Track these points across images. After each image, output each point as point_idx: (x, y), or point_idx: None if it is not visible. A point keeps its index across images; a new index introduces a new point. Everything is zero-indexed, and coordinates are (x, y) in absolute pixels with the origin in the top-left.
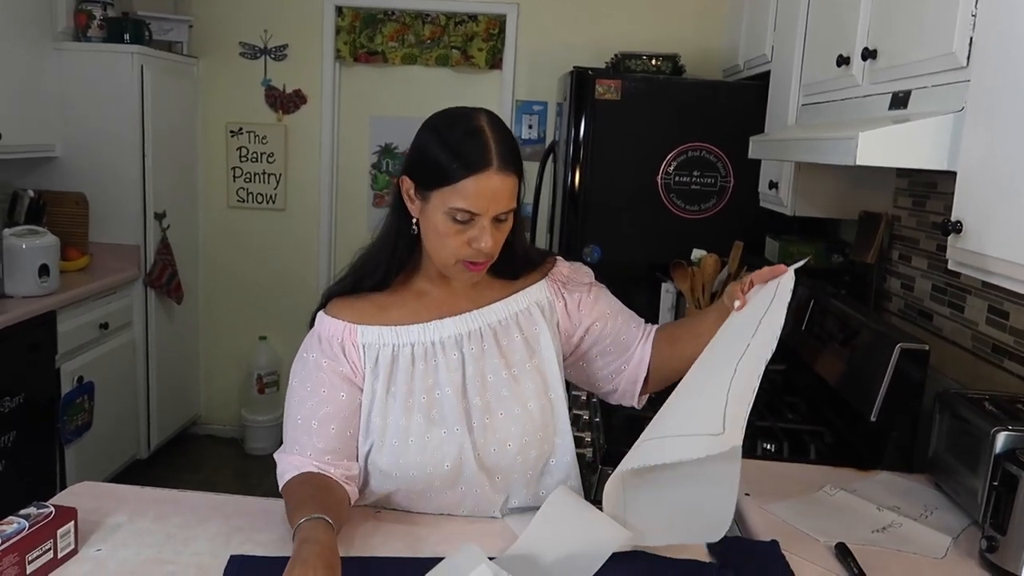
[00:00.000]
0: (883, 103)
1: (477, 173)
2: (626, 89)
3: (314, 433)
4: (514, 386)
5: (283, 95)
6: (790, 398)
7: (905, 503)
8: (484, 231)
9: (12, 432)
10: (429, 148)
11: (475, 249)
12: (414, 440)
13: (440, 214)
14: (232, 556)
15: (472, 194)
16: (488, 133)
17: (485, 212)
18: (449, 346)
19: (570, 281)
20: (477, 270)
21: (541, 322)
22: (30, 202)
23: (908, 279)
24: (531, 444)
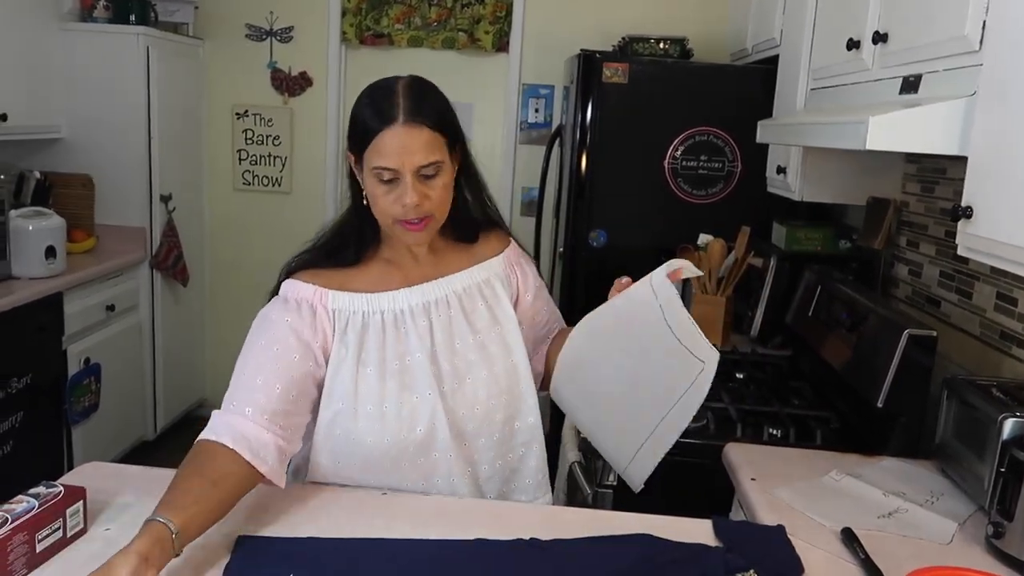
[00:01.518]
0: (893, 87)
1: (384, 128)
2: (634, 72)
3: (257, 389)
4: (481, 351)
5: (289, 77)
6: (795, 383)
7: (911, 489)
8: (407, 187)
9: (20, 413)
10: (355, 116)
11: (404, 207)
12: (389, 406)
13: (370, 177)
14: (240, 536)
15: (384, 150)
16: (399, 91)
17: (401, 167)
18: (418, 313)
19: (520, 265)
20: (415, 229)
21: (501, 292)
22: (36, 184)
23: (916, 265)
24: (497, 407)
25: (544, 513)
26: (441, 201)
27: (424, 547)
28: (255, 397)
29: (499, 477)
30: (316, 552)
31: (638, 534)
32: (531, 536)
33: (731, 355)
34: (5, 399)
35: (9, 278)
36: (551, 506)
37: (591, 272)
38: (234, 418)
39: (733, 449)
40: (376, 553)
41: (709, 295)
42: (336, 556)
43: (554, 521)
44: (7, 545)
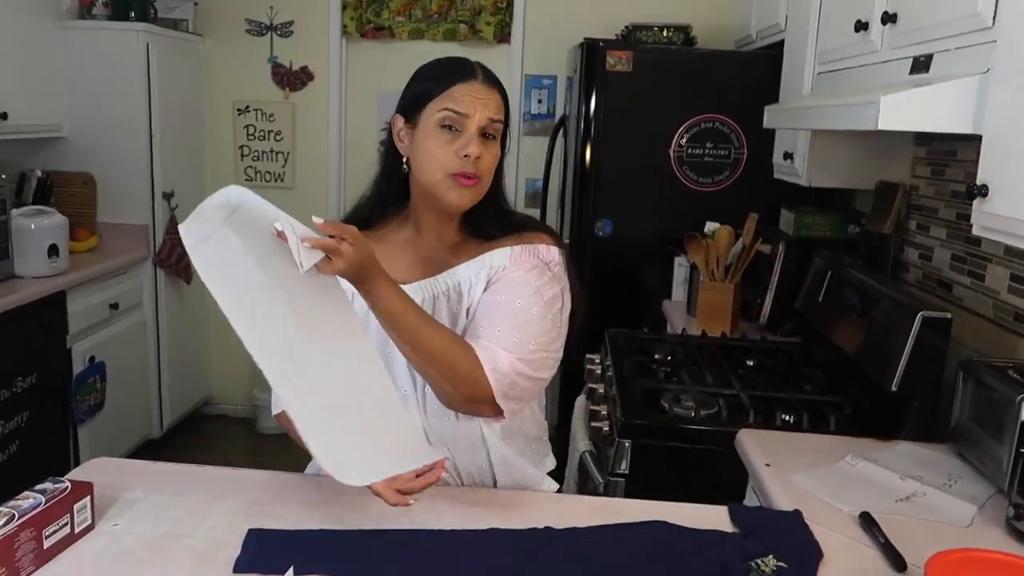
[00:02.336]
0: (903, 68)
1: (463, 81)
2: (638, 61)
3: None
4: None
5: (290, 72)
6: (807, 369)
7: (928, 472)
8: (472, 139)
9: (25, 412)
10: (418, 81)
11: (463, 158)
12: None
13: (431, 128)
14: (250, 530)
15: (460, 96)
16: (475, 62)
17: (472, 114)
18: None
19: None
20: (469, 184)
21: (482, 287)
22: (38, 182)
23: (926, 249)
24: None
25: (557, 502)
26: (490, 169)
27: (438, 537)
28: None
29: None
30: (327, 544)
31: (654, 521)
32: (545, 525)
33: (741, 342)
34: (11, 399)
35: (12, 277)
36: (564, 494)
37: (598, 262)
38: None
39: (746, 435)
40: (388, 544)
41: (717, 283)
42: (347, 548)
43: (568, 510)
44: (14, 542)
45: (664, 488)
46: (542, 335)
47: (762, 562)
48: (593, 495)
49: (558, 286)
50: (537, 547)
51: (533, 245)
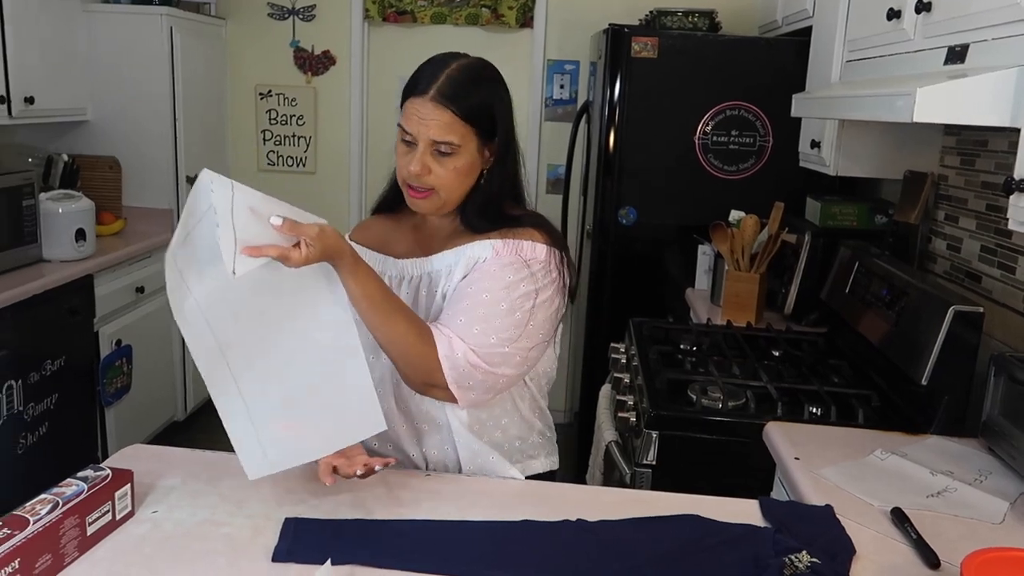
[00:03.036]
0: (937, 58)
1: (413, 96)
2: (663, 47)
3: None
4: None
5: (312, 56)
6: (834, 360)
7: (959, 467)
8: (416, 156)
9: (55, 395)
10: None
11: (409, 172)
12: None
13: (397, 134)
14: (287, 519)
15: (407, 114)
16: (448, 70)
17: (417, 135)
18: (395, 284)
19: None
20: (415, 196)
21: (456, 279)
22: (64, 166)
23: (955, 240)
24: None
25: (588, 493)
26: (448, 181)
27: (471, 528)
28: None
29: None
30: (363, 533)
31: (685, 515)
32: (577, 517)
33: (766, 333)
34: (40, 381)
35: (40, 261)
36: (594, 487)
37: (620, 250)
38: None
39: (774, 428)
40: (423, 534)
41: (743, 272)
42: (383, 538)
43: (598, 502)
44: (59, 528)
45: (691, 479)
46: (505, 330)
47: (796, 558)
48: (619, 486)
49: (533, 285)
50: (572, 539)
51: (518, 241)
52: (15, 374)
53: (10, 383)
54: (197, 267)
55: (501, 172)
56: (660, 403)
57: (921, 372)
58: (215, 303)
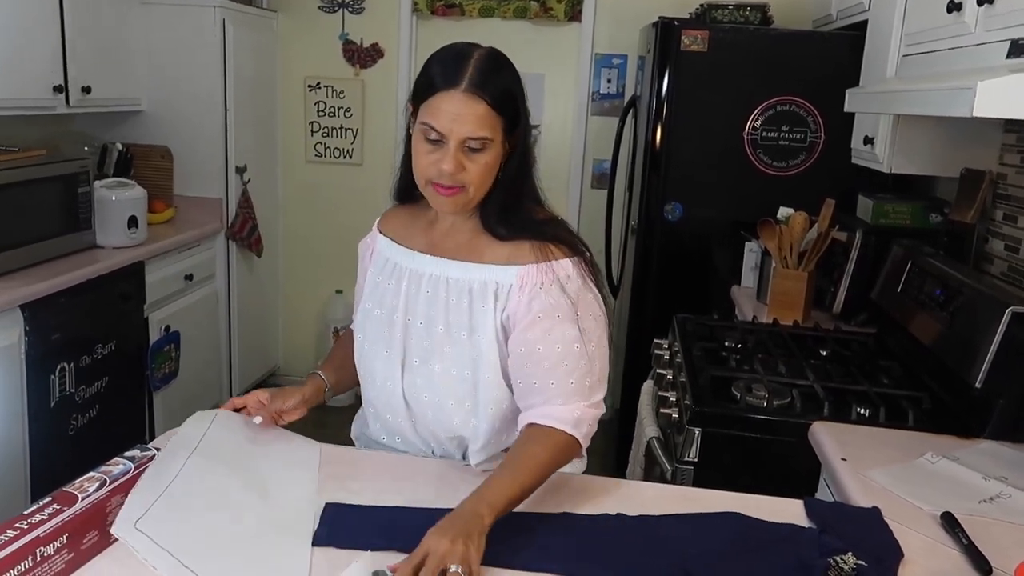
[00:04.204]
0: (999, 51)
1: (443, 91)
2: (713, 40)
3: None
4: (444, 345)
5: (360, 49)
6: (883, 361)
7: (1013, 473)
8: (448, 153)
9: (105, 378)
10: (423, 69)
11: (439, 171)
12: (368, 348)
13: (417, 132)
14: (327, 504)
15: (437, 110)
16: (472, 60)
17: (448, 133)
18: (413, 279)
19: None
20: (444, 193)
21: (490, 303)
22: (118, 155)
23: (1013, 240)
24: (443, 404)
25: (629, 488)
26: (479, 177)
27: (510, 519)
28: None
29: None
30: (402, 520)
31: (728, 512)
32: (617, 512)
33: (814, 332)
34: (92, 365)
35: (94, 247)
36: (635, 481)
37: (666, 246)
38: None
39: (821, 428)
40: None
41: (790, 270)
42: (422, 525)
43: (639, 497)
44: (106, 506)
45: (733, 477)
46: (589, 366)
47: (841, 559)
48: (660, 482)
49: (577, 308)
50: (612, 532)
51: (548, 263)
52: (68, 357)
53: (63, 365)
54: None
55: (522, 166)
56: (703, 400)
57: (975, 374)
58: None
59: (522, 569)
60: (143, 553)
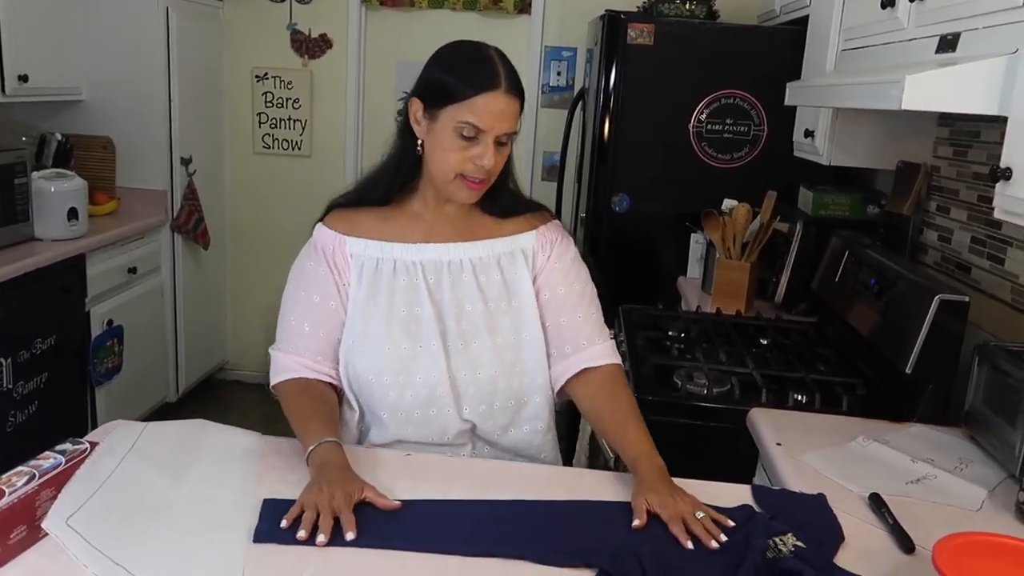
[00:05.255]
0: (929, 47)
1: (487, 92)
2: (659, 34)
3: (306, 335)
4: (489, 320)
5: (308, 40)
6: (821, 350)
7: (939, 455)
8: (488, 148)
9: (44, 373)
10: (441, 71)
11: (477, 166)
12: (390, 348)
13: (448, 131)
14: (266, 500)
15: (481, 110)
16: (496, 60)
17: (490, 129)
18: (430, 268)
19: (554, 245)
20: (476, 188)
21: (522, 267)
22: (57, 145)
23: (946, 231)
24: (500, 376)
25: (576, 476)
26: (499, 168)
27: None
28: (306, 343)
29: (496, 443)
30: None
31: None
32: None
33: (755, 321)
34: (30, 360)
35: (32, 239)
36: (582, 469)
37: (614, 238)
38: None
39: (758, 414)
40: (402, 516)
41: (734, 260)
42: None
43: (585, 483)
44: (35, 500)
45: (675, 465)
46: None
47: (780, 540)
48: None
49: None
50: (558, 518)
51: (549, 224)
52: (5, 352)
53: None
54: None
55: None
56: (645, 388)
57: (906, 361)
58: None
59: (471, 555)
60: (74, 550)
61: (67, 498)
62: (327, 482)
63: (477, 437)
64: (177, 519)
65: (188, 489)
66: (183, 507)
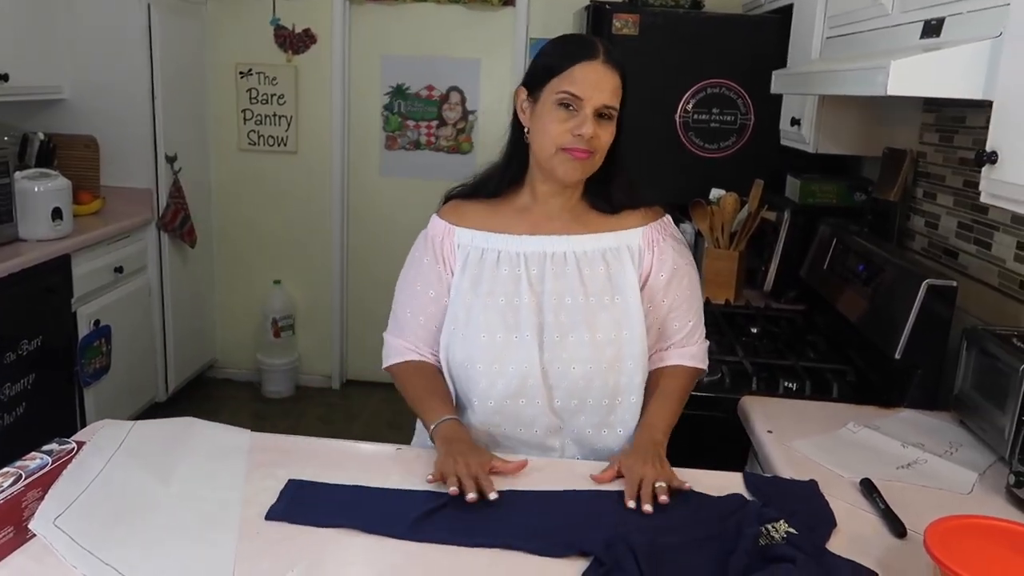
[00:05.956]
0: (914, 32)
1: (584, 61)
2: (644, 24)
3: (412, 323)
4: (588, 314)
5: (292, 35)
6: (811, 337)
7: (930, 440)
8: (586, 119)
9: (32, 375)
10: (543, 56)
11: (576, 136)
12: (486, 336)
13: (549, 104)
14: (290, 480)
15: (578, 78)
16: (595, 40)
17: (588, 98)
18: (533, 260)
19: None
20: (580, 157)
21: (628, 264)
22: (40, 145)
23: (933, 217)
24: (595, 373)
25: (569, 467)
26: (605, 145)
27: (438, 499)
28: (412, 328)
29: (586, 443)
30: (365, 501)
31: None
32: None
33: (745, 310)
34: (17, 361)
35: (16, 240)
36: (574, 460)
37: None
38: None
39: (748, 402)
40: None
41: (722, 249)
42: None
43: (577, 473)
44: (21, 501)
45: (667, 454)
46: (701, 305)
47: (773, 527)
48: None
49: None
50: (564, 509)
51: (659, 222)
52: None
53: None
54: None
55: (621, 152)
56: None
57: (895, 347)
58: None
59: (458, 545)
60: (62, 551)
61: (54, 498)
62: (460, 453)
63: (566, 434)
64: (166, 518)
65: (177, 488)
66: (172, 506)
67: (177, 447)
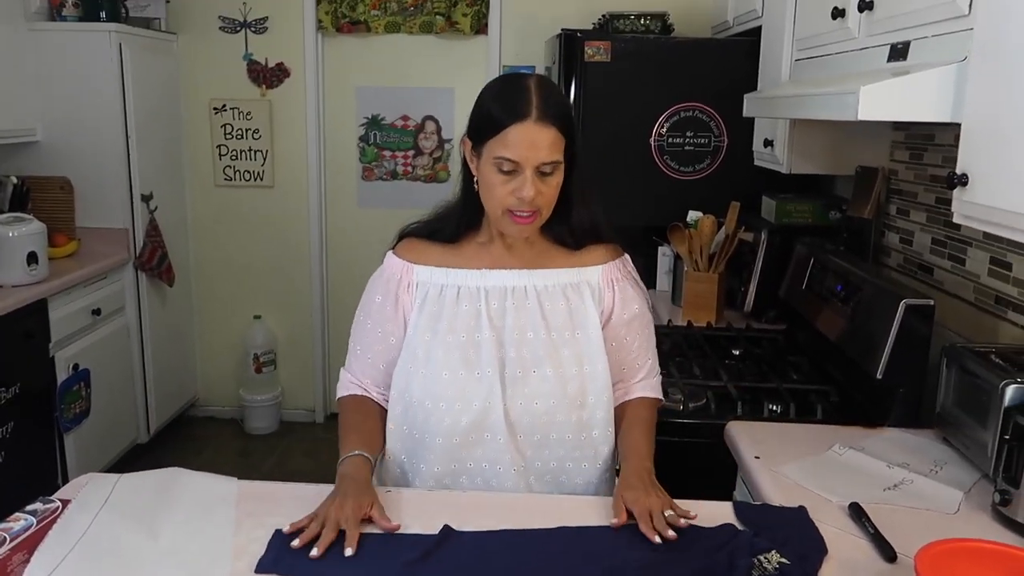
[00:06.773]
0: (881, 55)
1: (515, 123)
2: (616, 50)
3: (368, 363)
4: (551, 349)
5: (266, 69)
6: (793, 358)
7: (915, 459)
8: (526, 181)
9: (10, 423)
10: (480, 107)
11: (519, 199)
12: (447, 374)
13: (488, 165)
14: (277, 530)
15: (511, 142)
16: (532, 89)
17: (525, 161)
18: (493, 295)
19: (620, 283)
20: (523, 222)
21: (588, 299)
22: (13, 189)
23: (907, 233)
24: (559, 408)
25: (557, 501)
26: (551, 199)
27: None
28: (365, 370)
29: (551, 479)
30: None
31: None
32: (558, 525)
33: (727, 332)
34: None
35: None
36: (563, 496)
37: None
38: (351, 380)
39: (735, 427)
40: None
41: (701, 272)
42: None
43: (566, 507)
44: (7, 565)
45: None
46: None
47: (765, 558)
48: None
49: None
50: (551, 546)
51: (621, 260)
52: None
53: None
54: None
55: (578, 179)
56: None
57: (876, 366)
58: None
59: None
60: None
61: (41, 560)
62: (342, 493)
63: (530, 471)
64: (155, 573)
65: (165, 541)
66: (161, 562)
67: (164, 500)
